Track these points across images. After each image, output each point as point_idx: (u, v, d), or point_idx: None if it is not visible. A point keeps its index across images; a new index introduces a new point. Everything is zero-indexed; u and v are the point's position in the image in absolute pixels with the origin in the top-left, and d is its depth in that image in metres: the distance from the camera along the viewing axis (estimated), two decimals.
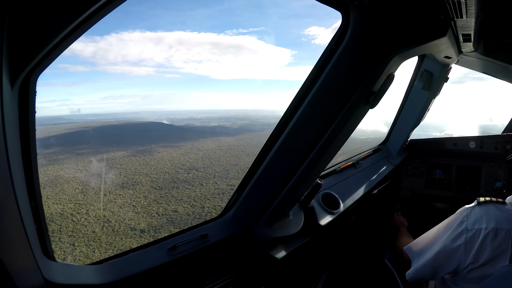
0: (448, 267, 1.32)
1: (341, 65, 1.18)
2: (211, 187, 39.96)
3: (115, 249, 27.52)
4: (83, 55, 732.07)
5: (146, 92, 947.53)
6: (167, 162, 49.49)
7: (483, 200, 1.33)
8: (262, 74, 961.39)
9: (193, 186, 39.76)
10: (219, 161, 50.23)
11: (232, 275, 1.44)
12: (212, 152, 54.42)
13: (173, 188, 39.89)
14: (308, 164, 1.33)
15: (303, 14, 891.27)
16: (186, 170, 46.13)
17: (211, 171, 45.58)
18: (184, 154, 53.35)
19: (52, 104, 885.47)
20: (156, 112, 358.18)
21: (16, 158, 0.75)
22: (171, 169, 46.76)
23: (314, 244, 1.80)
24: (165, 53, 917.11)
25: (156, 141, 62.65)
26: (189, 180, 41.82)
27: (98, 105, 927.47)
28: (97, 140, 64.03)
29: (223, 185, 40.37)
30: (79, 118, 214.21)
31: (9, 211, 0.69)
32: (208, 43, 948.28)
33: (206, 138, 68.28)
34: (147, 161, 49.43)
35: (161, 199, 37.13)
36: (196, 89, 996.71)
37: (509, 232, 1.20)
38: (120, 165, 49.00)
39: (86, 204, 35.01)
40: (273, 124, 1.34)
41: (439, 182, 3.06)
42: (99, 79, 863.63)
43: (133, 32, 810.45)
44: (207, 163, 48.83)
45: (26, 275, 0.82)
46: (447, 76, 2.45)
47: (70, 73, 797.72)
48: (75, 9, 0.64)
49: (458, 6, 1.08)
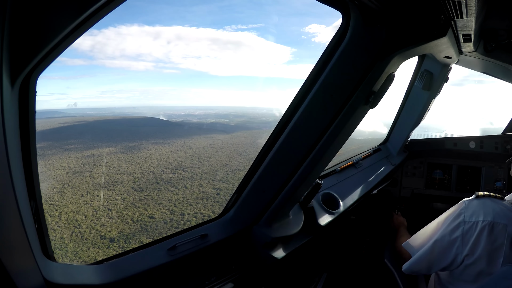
0: (445, 260, 1.32)
1: (341, 65, 1.18)
2: (195, 190, 37.50)
3: (79, 260, 25.20)
4: (81, 48, 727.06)
5: (145, 87, 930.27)
6: (154, 160, 47.37)
7: (481, 194, 1.33)
8: (261, 72, 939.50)
9: (176, 189, 37.59)
10: (208, 160, 48.12)
11: (232, 275, 1.44)
12: (203, 150, 52.47)
13: (154, 190, 37.61)
14: (308, 164, 1.33)
15: (303, 12, 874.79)
16: (172, 169, 44.11)
17: (199, 172, 43.24)
18: (173, 152, 51.51)
19: (51, 97, 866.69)
20: (154, 107, 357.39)
21: (16, 158, 0.75)
22: (157, 168, 44.74)
23: (314, 244, 1.80)
24: (164, 48, 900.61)
25: (148, 137, 60.67)
26: (173, 181, 39.66)
27: (97, 99, 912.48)
28: (89, 135, 61.88)
29: (209, 188, 37.92)
30: (76, 112, 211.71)
31: (9, 211, 0.69)
32: (207, 39, 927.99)
33: (200, 135, 66.38)
34: (133, 158, 47.46)
35: (140, 202, 34.75)
36: (195, 85, 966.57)
37: (505, 226, 1.21)
38: (105, 162, 46.79)
39: (61, 206, 32.64)
40: (271, 122, 1.31)
41: (439, 182, 3.06)
42: (97, 73, 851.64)
43: (131, 26, 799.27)
44: (196, 163, 46.79)
45: (26, 275, 0.82)
46: (447, 76, 2.46)
47: (68, 66, 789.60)
48: (75, 9, 0.64)
49: (458, 6, 1.08)
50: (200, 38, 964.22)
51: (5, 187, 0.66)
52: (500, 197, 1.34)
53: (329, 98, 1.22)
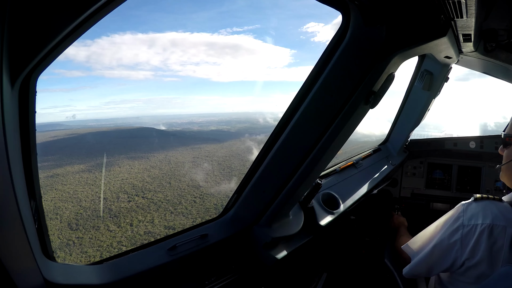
0: (444, 263, 1.31)
1: (341, 65, 1.18)
2: (140, 230, 31.47)
3: None
4: (80, 60, 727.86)
5: (148, 96, 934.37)
6: (117, 182, 41.94)
7: (479, 197, 1.33)
8: (263, 76, 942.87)
9: (119, 227, 31.82)
10: (180, 181, 42.49)
11: (232, 275, 1.44)
12: (181, 166, 47.68)
13: (91, 229, 31.87)
14: (308, 164, 1.33)
15: (303, 14, 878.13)
16: (130, 195, 38.42)
17: (160, 198, 37.40)
18: (146, 170, 46.27)
19: (55, 110, 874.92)
20: (157, 116, 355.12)
21: (16, 158, 0.75)
22: (114, 193, 39.09)
23: (314, 244, 1.80)
24: (161, 55, 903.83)
25: (129, 151, 56.44)
26: (121, 214, 33.74)
27: (101, 110, 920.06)
28: (69, 150, 58.12)
29: (159, 227, 32.01)
30: (78, 124, 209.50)
31: (9, 211, 0.69)
32: (204, 44, 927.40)
33: (188, 146, 61.83)
34: (96, 179, 42.54)
35: (64, 248, 29.32)
36: (198, 92, 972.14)
37: (505, 228, 1.20)
38: (63, 185, 41.51)
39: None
40: (274, 126, 1.33)
41: (439, 182, 3.06)
42: (98, 84, 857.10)
43: (124, 34, 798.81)
44: (164, 184, 41.26)
45: (26, 275, 0.82)
46: (447, 76, 2.46)
47: (67, 78, 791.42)
48: (75, 9, 0.64)
49: (458, 6, 1.08)
50: (196, 43, 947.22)
51: (5, 187, 0.66)
52: (498, 198, 1.34)
53: (329, 98, 1.22)
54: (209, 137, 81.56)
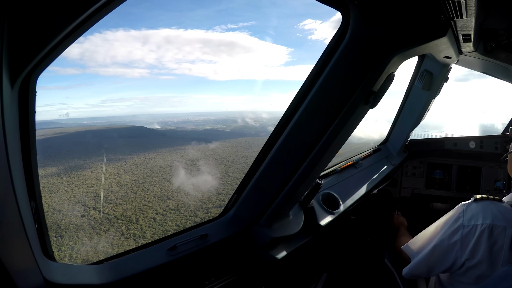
0: (444, 264, 1.32)
1: (341, 65, 1.18)
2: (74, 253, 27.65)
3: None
4: (76, 57, 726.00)
5: (145, 94, 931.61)
6: (81, 190, 38.24)
7: (479, 197, 1.33)
8: (261, 75, 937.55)
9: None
10: (148, 189, 38.69)
11: (232, 275, 1.44)
12: (156, 171, 43.87)
13: None
14: (308, 164, 1.32)
15: (302, 13, 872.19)
16: (87, 207, 34.38)
17: (117, 213, 33.29)
18: (118, 175, 42.58)
19: (52, 108, 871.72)
20: (154, 115, 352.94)
21: (16, 158, 0.75)
22: (72, 203, 35.09)
23: (314, 244, 1.80)
24: (155, 53, 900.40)
25: (109, 152, 52.65)
26: (67, 234, 29.80)
27: (98, 108, 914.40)
28: (52, 150, 54.04)
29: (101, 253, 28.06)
30: (73, 122, 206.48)
31: (9, 211, 0.69)
32: (199, 41, 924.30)
33: (172, 147, 59.06)
34: (61, 185, 38.87)
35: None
36: (196, 91, 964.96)
37: (505, 229, 1.20)
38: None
39: None
40: (270, 125, 1.29)
41: (439, 182, 3.06)
42: (94, 82, 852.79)
43: (116, 31, 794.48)
44: (129, 194, 37.17)
45: (26, 275, 0.82)
46: (447, 76, 2.46)
47: (62, 76, 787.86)
48: (75, 9, 0.64)
49: (458, 6, 1.08)
50: (191, 40, 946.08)
51: (5, 187, 0.66)
52: (498, 199, 1.34)
53: (329, 98, 1.22)
54: (200, 137, 78.59)
